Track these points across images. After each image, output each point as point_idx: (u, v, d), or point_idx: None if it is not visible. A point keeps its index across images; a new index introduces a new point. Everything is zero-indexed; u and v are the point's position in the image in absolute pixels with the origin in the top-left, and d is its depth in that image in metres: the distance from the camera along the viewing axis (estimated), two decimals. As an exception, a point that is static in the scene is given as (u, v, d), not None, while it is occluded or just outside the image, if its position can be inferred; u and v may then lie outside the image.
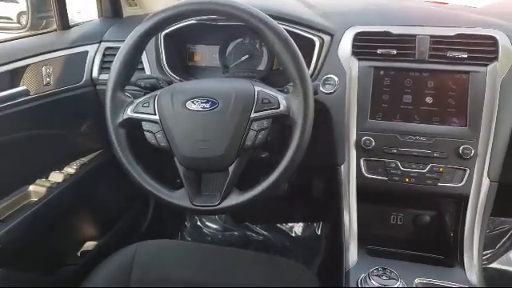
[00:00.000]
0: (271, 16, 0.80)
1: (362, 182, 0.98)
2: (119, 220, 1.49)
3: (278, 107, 0.80)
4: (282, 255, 1.74)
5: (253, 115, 0.79)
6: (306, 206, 1.85)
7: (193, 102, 0.81)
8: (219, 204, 0.82)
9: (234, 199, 0.82)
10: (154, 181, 0.85)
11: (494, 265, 1.63)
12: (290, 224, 1.89)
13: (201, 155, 0.80)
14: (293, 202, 1.83)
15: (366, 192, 1.01)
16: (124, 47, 0.84)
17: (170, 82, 1.02)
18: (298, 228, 1.89)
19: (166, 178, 0.88)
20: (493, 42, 0.93)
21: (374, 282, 0.78)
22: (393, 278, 0.78)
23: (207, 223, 1.89)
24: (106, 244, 1.36)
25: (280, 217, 1.89)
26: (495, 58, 0.92)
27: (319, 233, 1.83)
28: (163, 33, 1.13)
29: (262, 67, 1.18)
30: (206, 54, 1.25)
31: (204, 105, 0.80)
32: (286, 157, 0.80)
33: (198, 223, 1.90)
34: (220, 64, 1.21)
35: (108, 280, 0.91)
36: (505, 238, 1.65)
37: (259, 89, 0.82)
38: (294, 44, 0.79)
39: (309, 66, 1.02)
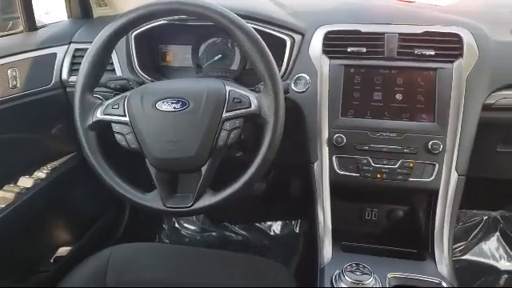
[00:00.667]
0: (241, 16, 0.80)
1: (334, 178, 0.99)
2: (94, 224, 1.46)
3: (250, 106, 0.80)
4: (261, 254, 1.75)
5: (224, 115, 0.79)
6: (284, 205, 1.86)
7: (163, 103, 0.80)
8: (192, 205, 0.81)
9: (208, 200, 0.81)
10: (126, 183, 0.84)
11: (466, 256, 1.68)
12: (269, 223, 1.90)
13: (172, 156, 0.80)
14: (271, 201, 1.84)
15: (340, 189, 1.02)
16: (92, 48, 0.83)
17: (141, 83, 1.01)
18: (276, 227, 1.89)
19: (140, 181, 0.86)
20: (458, 39, 0.95)
21: (347, 279, 0.79)
22: (366, 274, 0.79)
23: (185, 225, 1.87)
24: (81, 249, 1.33)
25: (258, 216, 1.90)
26: (460, 55, 0.94)
27: (297, 231, 1.84)
28: (134, 33, 1.11)
29: (235, 67, 1.18)
30: (178, 55, 1.23)
31: (175, 105, 0.79)
32: (258, 156, 0.80)
33: (176, 225, 1.88)
34: (193, 64, 1.20)
35: (82, 284, 0.89)
36: (476, 230, 1.70)
37: (230, 88, 0.82)
38: (264, 44, 0.79)
39: (280, 65, 1.03)
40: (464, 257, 1.68)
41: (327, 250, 0.96)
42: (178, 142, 0.80)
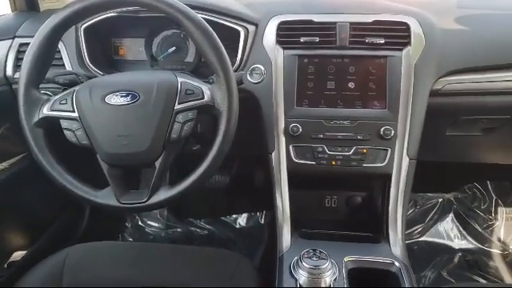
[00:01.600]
0: (192, 6, 0.79)
1: (292, 167, 1.00)
2: (51, 226, 1.41)
3: (203, 98, 0.79)
4: (227, 247, 1.75)
5: (177, 107, 0.78)
6: (249, 197, 1.87)
7: (112, 96, 0.78)
8: (148, 200, 0.80)
9: (163, 194, 0.80)
10: (78, 181, 0.81)
11: (424, 238, 1.75)
12: (234, 216, 1.90)
13: (124, 151, 0.78)
14: (235, 194, 1.84)
15: (298, 178, 1.04)
16: (34, 42, 0.80)
17: (92, 78, 0.98)
18: (242, 219, 1.90)
19: (100, 178, 0.84)
20: (405, 27, 0.98)
21: (305, 265, 0.80)
22: (323, 258, 0.80)
23: (149, 222, 1.85)
24: (37, 252, 1.28)
25: (223, 210, 1.90)
26: (408, 43, 0.97)
27: (262, 222, 1.85)
28: (83, 26, 1.08)
29: (190, 59, 1.17)
30: (131, 48, 1.21)
31: (124, 98, 0.78)
32: (213, 147, 0.79)
33: (140, 223, 1.85)
34: (147, 57, 1.18)
35: (37, 286, 0.86)
36: (432, 213, 1.77)
37: (182, 80, 0.81)
38: (214, 34, 0.79)
39: (235, 56, 1.03)
40: (421, 238, 1.75)
41: (286, 238, 0.97)
42: (130, 137, 0.78)
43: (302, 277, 0.80)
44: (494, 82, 0.99)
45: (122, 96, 0.78)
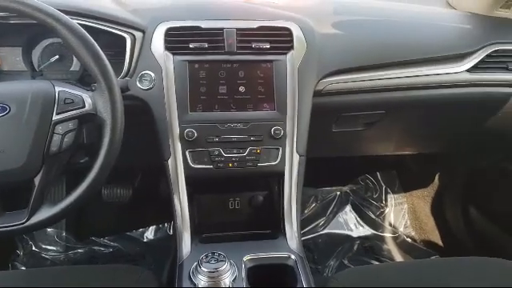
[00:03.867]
0: (69, 12, 0.75)
1: (189, 173, 0.99)
2: None
3: (83, 106, 0.75)
4: (135, 263, 1.68)
5: (55, 118, 0.74)
6: (155, 208, 1.82)
7: None
8: (27, 221, 0.73)
9: (45, 213, 0.75)
10: None
11: (326, 230, 1.86)
12: (141, 229, 1.83)
13: None
14: (141, 206, 1.78)
15: (199, 183, 1.04)
16: None
17: None
18: (150, 232, 1.85)
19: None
20: (288, 32, 1.04)
21: (203, 269, 0.80)
22: (221, 260, 0.81)
23: (44, 246, 1.70)
24: None
25: (129, 224, 1.82)
26: (292, 47, 1.03)
27: (171, 232, 1.81)
28: None
29: (75, 68, 1.11)
30: (7, 57, 1.10)
31: None
32: (98, 158, 0.76)
33: (34, 248, 1.69)
34: (27, 67, 1.09)
35: None
36: (332, 205, 1.90)
37: (61, 89, 0.76)
38: (92, 40, 0.75)
39: (123, 63, 1.00)
40: (324, 231, 1.86)
41: (186, 245, 0.96)
42: (2, 152, 0.71)
43: (202, 281, 0.79)
44: (367, 80, 1.09)
45: None
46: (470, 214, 1.62)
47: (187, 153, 1.00)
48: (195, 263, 0.83)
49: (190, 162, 0.99)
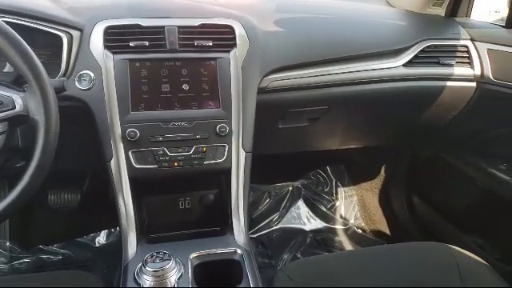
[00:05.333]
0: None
1: (133, 174, 0.98)
2: None
3: (14, 108, 0.72)
4: (86, 269, 1.63)
5: None
6: (106, 211, 1.77)
7: None
8: None
9: None
10: None
11: (280, 225, 1.89)
12: (92, 234, 1.78)
13: None
14: (90, 211, 1.73)
15: (146, 184, 1.02)
16: None
17: None
18: (102, 236, 1.79)
19: None
20: (231, 30, 1.04)
21: (148, 269, 0.79)
22: (166, 259, 0.81)
23: (-15, 258, 1.61)
24: None
25: (79, 230, 1.76)
26: (234, 45, 1.04)
27: (123, 236, 1.77)
28: None
29: (8, 69, 1.05)
30: None
31: None
32: (32, 161, 0.73)
33: (-26, 261, 1.60)
34: None
35: None
36: (285, 200, 1.93)
37: None
38: (20, 39, 0.72)
39: (60, 62, 0.96)
40: (278, 226, 1.89)
41: (132, 246, 0.95)
42: None
43: (147, 281, 0.79)
44: (310, 77, 1.12)
45: None
46: (414, 202, 1.71)
47: (130, 153, 0.98)
48: (140, 263, 0.82)
49: (133, 162, 0.98)
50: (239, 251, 0.92)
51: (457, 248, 1.01)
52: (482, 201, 1.37)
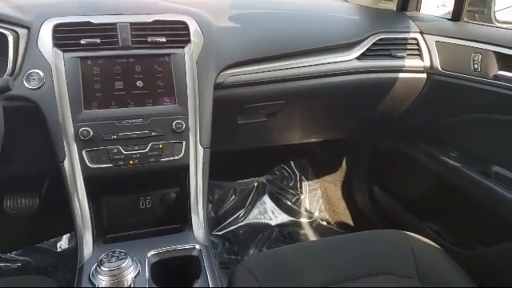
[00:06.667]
0: None
1: (88, 173, 0.96)
2: None
3: None
4: (48, 274, 1.59)
5: None
6: (67, 215, 1.72)
7: None
8: None
9: None
10: None
11: (246, 221, 1.90)
12: (53, 239, 1.73)
13: None
14: (51, 215, 1.67)
15: (101, 184, 1.00)
16: None
17: None
18: (63, 241, 1.75)
19: None
20: (185, 26, 1.04)
21: (103, 268, 0.78)
22: (122, 258, 0.80)
23: None
24: None
25: (39, 235, 1.71)
26: (189, 41, 1.03)
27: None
28: None
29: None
30: None
31: None
32: None
33: None
34: None
35: None
36: (251, 196, 1.94)
37: None
38: None
39: (6, 62, 0.93)
40: (245, 222, 1.90)
41: (88, 247, 0.93)
42: None
43: (102, 282, 0.77)
44: (266, 72, 1.14)
45: None
46: (374, 193, 1.76)
47: (84, 153, 0.96)
48: (95, 264, 0.81)
49: (87, 162, 0.96)
50: (198, 247, 0.92)
51: (412, 234, 1.05)
52: (437, 188, 1.42)
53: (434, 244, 1.04)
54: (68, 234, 1.74)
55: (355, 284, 0.91)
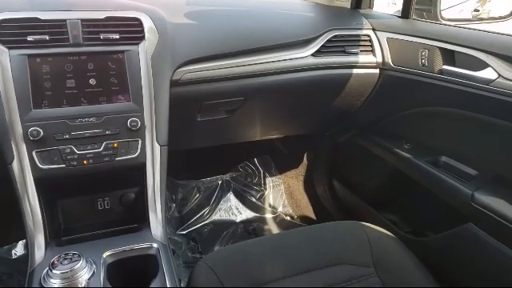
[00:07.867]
0: None
1: (39, 175, 0.93)
2: None
3: None
4: (2, 283, 1.52)
5: None
6: (21, 220, 1.66)
7: None
8: None
9: None
10: None
11: (211, 218, 1.90)
12: (7, 246, 1.66)
13: None
14: (2, 221, 1.61)
15: (56, 185, 0.97)
16: None
17: None
18: (18, 247, 1.68)
19: None
20: (138, 22, 1.02)
21: (55, 271, 0.76)
22: (76, 260, 0.78)
23: None
24: None
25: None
26: (143, 37, 1.02)
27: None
28: None
29: None
30: None
31: None
32: None
33: None
34: None
35: None
36: (215, 194, 1.94)
37: None
38: None
39: None
40: (209, 219, 1.90)
41: (40, 250, 0.90)
42: None
43: (55, 285, 0.75)
44: (223, 68, 1.14)
45: None
46: (335, 186, 1.80)
47: (34, 153, 0.93)
48: (46, 268, 0.78)
49: (38, 163, 0.93)
50: (155, 245, 0.92)
51: (369, 225, 1.09)
52: (392, 179, 1.47)
53: (389, 233, 1.08)
54: (23, 240, 1.68)
55: (314, 274, 0.94)
